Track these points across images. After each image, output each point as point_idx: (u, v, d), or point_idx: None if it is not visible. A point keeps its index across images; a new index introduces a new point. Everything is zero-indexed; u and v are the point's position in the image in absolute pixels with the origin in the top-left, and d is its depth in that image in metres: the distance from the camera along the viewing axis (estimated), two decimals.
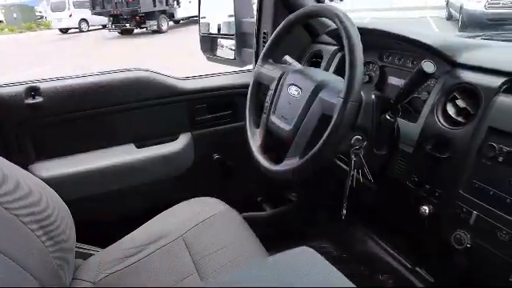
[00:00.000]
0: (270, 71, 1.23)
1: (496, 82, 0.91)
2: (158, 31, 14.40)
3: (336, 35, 1.40)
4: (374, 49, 1.35)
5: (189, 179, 1.59)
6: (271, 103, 1.18)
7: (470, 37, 1.43)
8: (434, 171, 0.99)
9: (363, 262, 1.73)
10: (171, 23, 16.04)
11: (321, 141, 0.92)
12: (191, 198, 1.32)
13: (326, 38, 1.54)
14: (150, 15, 14.22)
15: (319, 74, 1.13)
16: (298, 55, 1.62)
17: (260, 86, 1.28)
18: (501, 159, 0.84)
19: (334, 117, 0.90)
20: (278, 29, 1.21)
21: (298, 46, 1.61)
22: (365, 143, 1.07)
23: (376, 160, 1.14)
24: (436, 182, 0.98)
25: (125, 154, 1.45)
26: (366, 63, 1.39)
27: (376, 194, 1.22)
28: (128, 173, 1.46)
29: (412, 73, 0.96)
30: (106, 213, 1.45)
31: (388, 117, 1.07)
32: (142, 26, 14.14)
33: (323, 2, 1.60)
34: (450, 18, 11.58)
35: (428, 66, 0.90)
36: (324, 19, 1.50)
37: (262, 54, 1.27)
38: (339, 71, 1.42)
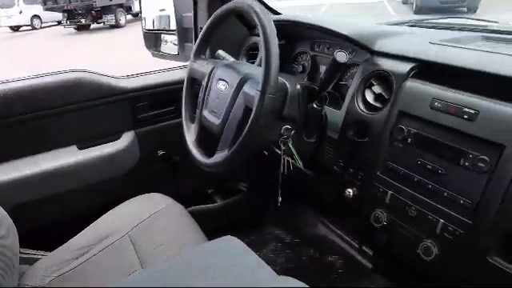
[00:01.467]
0: (202, 67, 1.26)
1: (405, 67, 0.97)
2: (116, 26, 14.05)
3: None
4: (306, 39, 1.40)
5: (136, 177, 1.60)
6: (203, 98, 1.21)
7: (396, 24, 1.49)
8: (356, 155, 1.05)
9: (313, 245, 1.80)
10: (129, 17, 15.63)
11: (243, 133, 0.96)
12: (138, 196, 1.34)
13: None
14: (106, 9, 13.85)
15: (245, 67, 1.16)
16: (236, 48, 1.65)
17: (194, 82, 1.31)
18: (409, 141, 0.91)
19: (254, 109, 0.94)
20: (206, 25, 1.23)
21: (235, 39, 1.64)
22: (293, 132, 1.12)
23: (307, 147, 1.19)
24: (358, 165, 1.04)
25: (67, 157, 1.45)
26: (299, 53, 1.44)
27: (313, 180, 1.28)
28: (72, 175, 1.46)
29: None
30: (52, 216, 1.45)
31: (315, 105, 1.13)
32: (99, 20, 13.76)
33: None
34: (405, 1, 11.92)
35: (340, 56, 0.95)
36: None
37: (193, 50, 1.30)
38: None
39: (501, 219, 0.74)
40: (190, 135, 1.25)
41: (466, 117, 0.80)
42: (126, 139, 1.56)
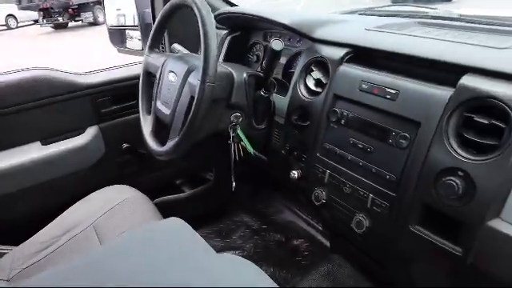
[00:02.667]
0: (156, 60, 1.30)
1: (340, 53, 1.02)
2: (95, 23, 13.91)
3: (220, 20, 1.49)
4: (260, 30, 1.45)
5: (102, 170, 1.64)
6: (156, 90, 1.26)
7: (349, 13, 1.55)
8: (299, 139, 1.11)
9: (280, 230, 1.86)
10: None
11: (187, 121, 1.01)
12: (103, 187, 1.38)
13: None
14: (83, 7, 13.69)
15: (193, 59, 1.21)
16: (195, 41, 1.69)
17: (150, 75, 1.35)
18: (343, 122, 0.97)
19: (195, 98, 0.99)
20: (156, 20, 1.28)
21: (194, 32, 1.68)
22: (241, 119, 1.17)
23: (258, 134, 1.25)
24: (302, 148, 1.10)
25: (31, 152, 1.48)
26: (254, 44, 1.49)
27: (269, 165, 1.33)
28: (37, 170, 1.49)
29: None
30: (19, 211, 1.48)
31: (262, 93, 1.18)
32: (77, 18, 13.59)
33: None
34: None
35: (276, 44, 1.01)
36: (212, 4, 1.58)
37: (147, 44, 1.34)
38: (229, 53, 1.51)
39: (419, 191, 0.80)
40: (147, 126, 1.30)
41: (388, 97, 0.86)
42: (89, 134, 1.60)
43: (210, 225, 1.93)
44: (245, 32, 1.51)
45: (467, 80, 0.76)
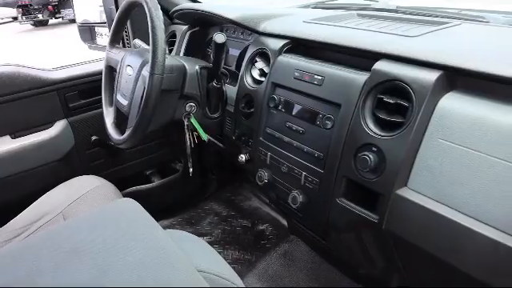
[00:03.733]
0: (116, 55, 1.38)
1: (279, 44, 1.11)
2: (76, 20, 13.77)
3: (178, 16, 1.57)
4: (217, 25, 1.53)
5: (71, 161, 1.71)
6: (117, 83, 1.34)
7: (303, 6, 1.64)
8: (246, 125, 1.20)
9: (247, 216, 1.95)
10: None
11: (139, 111, 1.09)
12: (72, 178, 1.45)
13: None
14: (64, 3, 13.50)
15: (148, 53, 1.29)
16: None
17: (112, 69, 1.43)
18: (280, 107, 1.06)
19: (146, 89, 1.07)
20: (115, 18, 1.35)
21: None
22: (195, 109, 1.26)
23: (213, 122, 1.33)
24: (248, 133, 1.20)
25: (0, 146, 1.55)
26: (211, 38, 1.57)
27: (224, 151, 1.42)
28: (6, 162, 1.56)
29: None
30: None
31: (215, 84, 1.27)
32: (57, 15, 13.41)
33: None
34: None
35: (219, 38, 1.10)
36: (174, 1, 1.67)
37: (108, 40, 1.42)
38: (189, 48, 1.59)
39: (342, 167, 0.90)
40: (109, 118, 1.38)
41: (315, 82, 0.96)
42: (58, 127, 1.67)
43: (180, 213, 2.01)
44: (203, 27, 1.59)
45: (379, 65, 0.85)
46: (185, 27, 1.64)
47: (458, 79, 0.79)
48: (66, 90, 1.67)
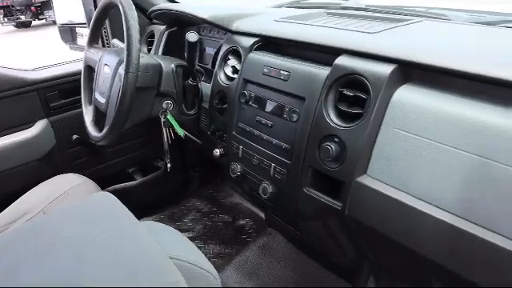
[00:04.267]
0: (94, 55, 1.42)
1: (250, 42, 1.16)
2: None
3: (156, 16, 1.61)
4: (194, 25, 1.58)
5: (53, 161, 1.74)
6: (95, 82, 1.37)
7: (277, 6, 1.69)
8: (220, 120, 1.25)
9: (228, 212, 2.00)
10: None
11: (116, 108, 1.14)
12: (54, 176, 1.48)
13: None
14: (47, 5, 13.38)
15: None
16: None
17: (90, 69, 1.46)
18: (251, 103, 1.11)
19: (121, 86, 1.11)
20: (92, 19, 1.39)
21: None
22: (172, 106, 1.30)
23: (190, 119, 1.38)
24: (223, 128, 1.24)
25: None
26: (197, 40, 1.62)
27: (202, 147, 1.46)
28: None
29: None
30: None
31: (190, 81, 1.31)
32: (41, 17, 13.31)
33: None
34: None
35: (191, 37, 1.14)
36: (152, 1, 1.71)
37: (87, 40, 1.46)
38: (167, 47, 1.64)
39: (308, 157, 0.95)
40: (88, 116, 1.42)
41: (282, 78, 1.01)
42: (39, 126, 1.70)
43: (163, 211, 2.05)
44: (180, 27, 1.64)
45: (340, 60, 0.91)
46: (163, 27, 1.68)
47: (412, 72, 0.85)
48: (46, 89, 1.70)
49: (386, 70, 0.82)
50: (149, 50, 1.74)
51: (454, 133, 0.72)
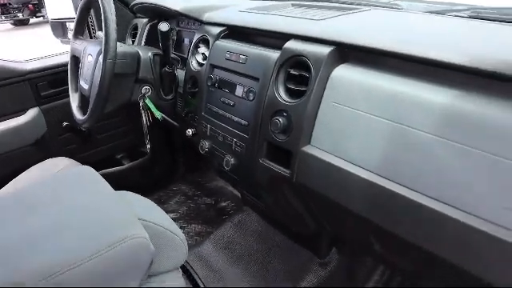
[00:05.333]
0: (79, 45, 1.55)
1: (217, 31, 1.30)
2: None
3: (137, 10, 1.74)
4: (173, 18, 1.71)
5: (44, 147, 1.88)
6: (80, 71, 1.51)
7: None
8: (193, 103, 1.39)
9: (211, 194, 2.14)
10: None
11: (95, 93, 1.27)
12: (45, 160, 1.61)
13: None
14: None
15: None
16: (123, 30, 1.95)
17: (76, 59, 1.60)
18: (216, 85, 1.25)
19: (101, 73, 1.24)
20: (77, 13, 1.53)
21: (122, 21, 1.93)
22: (150, 91, 1.44)
23: (167, 103, 1.51)
24: (194, 110, 1.38)
25: None
26: (170, 30, 1.75)
27: (179, 129, 1.59)
28: None
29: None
30: None
31: (167, 69, 1.45)
32: (38, 14, 13.43)
33: None
34: None
35: (163, 27, 1.27)
36: None
37: (72, 33, 1.59)
38: (149, 39, 1.77)
39: (262, 131, 1.09)
40: (74, 102, 1.55)
41: (241, 61, 1.14)
42: (30, 114, 1.83)
43: (149, 194, 2.19)
44: (161, 20, 1.77)
45: (288, 44, 1.04)
46: (145, 20, 1.81)
47: (350, 53, 0.97)
48: (37, 79, 1.83)
49: (325, 51, 0.95)
50: (133, 42, 1.87)
51: (380, 104, 0.85)
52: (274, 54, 1.06)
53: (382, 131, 0.84)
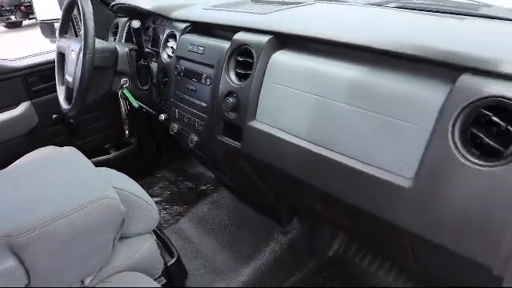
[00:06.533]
0: (64, 43, 1.77)
1: (182, 26, 1.51)
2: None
3: (117, 9, 1.96)
4: (149, 16, 1.92)
5: (35, 138, 2.08)
6: (66, 66, 1.72)
7: None
8: (164, 91, 1.60)
9: (193, 179, 2.35)
10: None
11: (78, 84, 1.48)
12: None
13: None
14: None
15: None
16: (106, 29, 2.17)
17: (62, 55, 1.81)
18: (182, 74, 1.46)
19: (81, 66, 1.46)
20: (61, 13, 1.74)
21: (104, 21, 2.15)
22: (128, 82, 1.65)
23: (144, 93, 1.73)
24: (165, 97, 1.59)
25: None
26: (147, 28, 1.97)
27: (155, 116, 1.80)
28: None
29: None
30: None
31: (143, 62, 1.66)
32: (31, 16, 13.60)
33: None
34: None
35: (134, 24, 1.49)
36: None
37: (57, 32, 1.81)
38: (129, 36, 1.98)
39: (218, 111, 1.30)
40: (61, 94, 1.77)
41: (200, 52, 1.36)
42: (22, 107, 2.04)
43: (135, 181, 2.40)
44: (139, 19, 1.98)
45: (237, 35, 1.25)
46: (125, 19, 2.02)
47: (287, 41, 1.18)
48: (28, 76, 2.04)
49: (264, 39, 1.17)
50: (115, 40, 2.08)
51: (308, 82, 1.05)
52: (226, 45, 1.28)
53: (310, 105, 1.04)
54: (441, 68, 0.82)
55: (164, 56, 1.59)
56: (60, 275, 1.05)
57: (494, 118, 0.71)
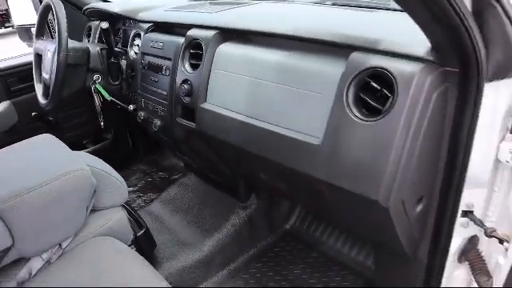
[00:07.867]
0: (41, 44, 1.98)
1: (146, 26, 1.75)
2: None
3: (89, 13, 2.19)
4: (121, 19, 2.15)
5: (15, 134, 2.26)
6: (42, 65, 1.94)
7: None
8: (132, 84, 1.83)
9: (166, 170, 2.58)
10: None
11: (53, 81, 1.70)
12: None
13: None
14: None
15: None
16: (81, 32, 2.39)
17: (39, 56, 2.02)
18: (146, 67, 1.70)
19: (56, 63, 1.68)
20: (37, 16, 1.95)
21: (78, 24, 2.37)
22: (100, 79, 1.88)
23: (116, 88, 1.96)
24: (133, 90, 1.83)
25: None
26: (118, 29, 2.19)
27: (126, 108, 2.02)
28: None
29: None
30: None
31: (113, 60, 1.89)
32: (7, 24, 13.62)
33: None
34: None
35: (103, 25, 1.72)
36: (84, 1, 2.28)
37: (34, 34, 2.02)
38: (100, 38, 2.20)
39: (175, 97, 1.53)
40: (39, 91, 1.98)
41: (159, 47, 1.60)
42: (2, 106, 2.24)
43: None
44: (111, 21, 2.21)
45: (190, 32, 1.50)
46: (97, 22, 2.25)
47: (231, 35, 1.42)
48: (7, 76, 2.24)
49: (211, 34, 1.41)
50: (88, 41, 2.30)
51: (245, 67, 1.29)
52: (181, 40, 1.52)
53: (247, 86, 1.28)
54: (340, 48, 1.06)
55: (131, 53, 1.82)
56: (39, 238, 1.21)
57: (372, 83, 0.95)
